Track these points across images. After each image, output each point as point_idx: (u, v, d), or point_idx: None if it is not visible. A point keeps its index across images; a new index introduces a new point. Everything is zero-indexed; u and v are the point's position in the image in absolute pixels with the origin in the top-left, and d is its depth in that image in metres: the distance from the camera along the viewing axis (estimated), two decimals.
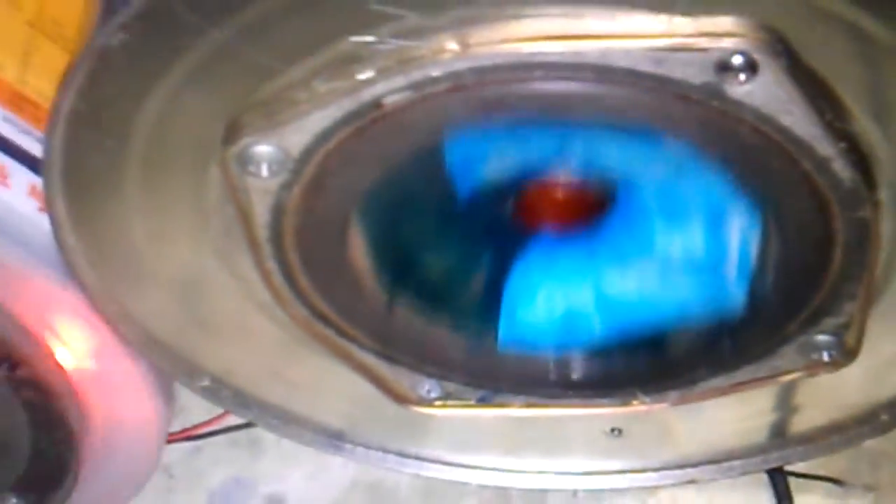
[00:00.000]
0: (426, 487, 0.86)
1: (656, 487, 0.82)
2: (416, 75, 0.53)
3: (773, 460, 0.79)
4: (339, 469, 0.88)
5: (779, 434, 0.78)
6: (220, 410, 0.87)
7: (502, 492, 0.84)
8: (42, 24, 0.69)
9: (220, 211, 0.62)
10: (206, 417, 0.88)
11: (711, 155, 0.59)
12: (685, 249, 0.65)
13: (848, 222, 0.59)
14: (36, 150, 0.67)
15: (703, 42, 0.50)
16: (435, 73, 0.53)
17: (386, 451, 0.81)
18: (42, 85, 0.68)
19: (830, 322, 0.66)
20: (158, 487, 0.88)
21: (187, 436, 0.88)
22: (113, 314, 0.68)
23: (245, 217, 0.60)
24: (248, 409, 0.77)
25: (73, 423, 0.74)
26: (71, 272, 0.66)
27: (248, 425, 0.88)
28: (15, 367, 0.69)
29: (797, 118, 0.53)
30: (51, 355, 0.70)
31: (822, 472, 0.81)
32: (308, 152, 0.57)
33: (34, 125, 0.67)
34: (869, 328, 0.67)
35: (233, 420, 0.88)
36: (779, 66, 0.50)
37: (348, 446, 0.80)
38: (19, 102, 0.67)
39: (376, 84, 0.53)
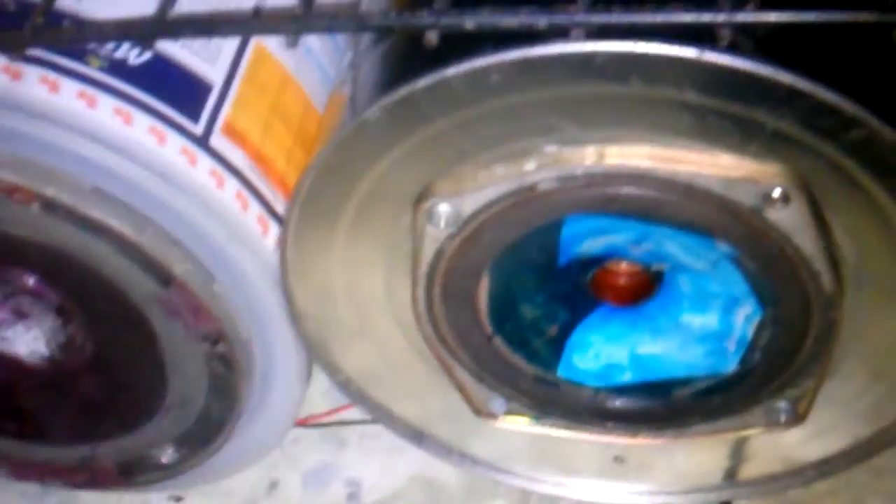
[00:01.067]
0: (469, 485, 0.89)
1: None
2: (563, 172, 0.62)
3: (725, 496, 0.82)
4: (403, 465, 0.91)
5: (730, 477, 0.81)
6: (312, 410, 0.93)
7: (525, 495, 0.87)
8: (277, 109, 0.76)
9: (398, 251, 0.69)
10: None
11: (739, 257, 0.65)
12: (702, 326, 0.71)
13: (822, 320, 0.66)
14: (266, 192, 0.73)
15: (759, 177, 0.59)
16: (577, 172, 0.62)
17: (450, 449, 0.84)
18: (274, 151, 0.75)
19: (791, 393, 0.71)
20: (265, 463, 0.91)
21: (298, 423, 0.90)
22: (295, 313, 0.73)
23: (416, 256, 0.67)
24: (365, 403, 0.81)
25: (240, 393, 0.76)
26: (280, 279, 0.72)
27: (338, 423, 0.94)
28: (216, 343, 0.73)
29: (806, 240, 0.61)
30: (241, 338, 0.74)
31: None
32: (474, 215, 0.64)
33: (266, 176, 0.73)
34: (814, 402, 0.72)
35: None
36: (803, 202, 0.59)
37: (425, 441, 0.83)
38: (259, 158, 0.73)
39: (535, 174, 0.62)
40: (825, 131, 0.56)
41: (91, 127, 0.66)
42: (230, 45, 0.73)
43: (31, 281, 0.75)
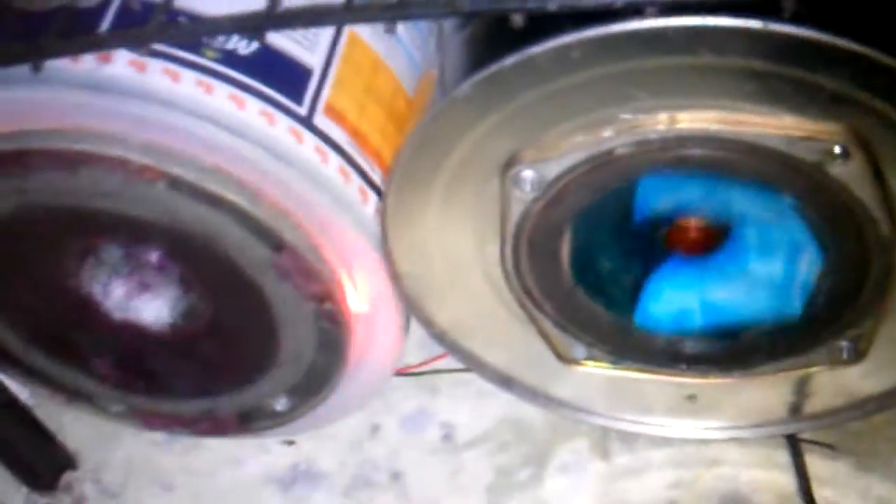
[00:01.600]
0: (554, 424, 0.90)
1: (711, 441, 0.86)
2: (638, 137, 0.63)
3: (790, 430, 0.83)
4: (491, 410, 0.93)
5: (795, 411, 0.82)
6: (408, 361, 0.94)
7: (605, 433, 0.89)
8: (371, 90, 0.78)
9: (487, 214, 0.70)
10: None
11: (802, 208, 0.67)
12: (768, 272, 0.72)
13: (880, 264, 0.67)
14: (364, 164, 0.75)
15: (820, 135, 0.60)
16: (651, 136, 0.63)
17: (536, 392, 0.85)
18: (370, 127, 0.77)
19: (852, 332, 0.72)
20: (367, 409, 0.94)
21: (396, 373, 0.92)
22: (394, 272, 0.75)
23: (504, 217, 0.69)
24: (457, 353, 0.83)
25: (346, 348, 0.79)
26: (380, 242, 0.74)
27: (433, 372, 0.96)
28: (323, 302, 0.75)
29: (865, 191, 0.62)
30: (346, 297, 0.77)
31: (820, 440, 0.85)
32: (557, 179, 0.66)
33: (363, 150, 0.76)
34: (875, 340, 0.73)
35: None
36: (862, 157, 0.60)
37: (513, 386, 0.85)
38: (357, 135, 0.75)
39: (613, 140, 0.63)
40: (881, 90, 0.57)
41: (209, 112, 0.68)
42: (327, 33, 0.75)
43: (154, 256, 0.78)
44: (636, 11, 0.56)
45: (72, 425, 0.99)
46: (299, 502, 0.92)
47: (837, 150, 0.61)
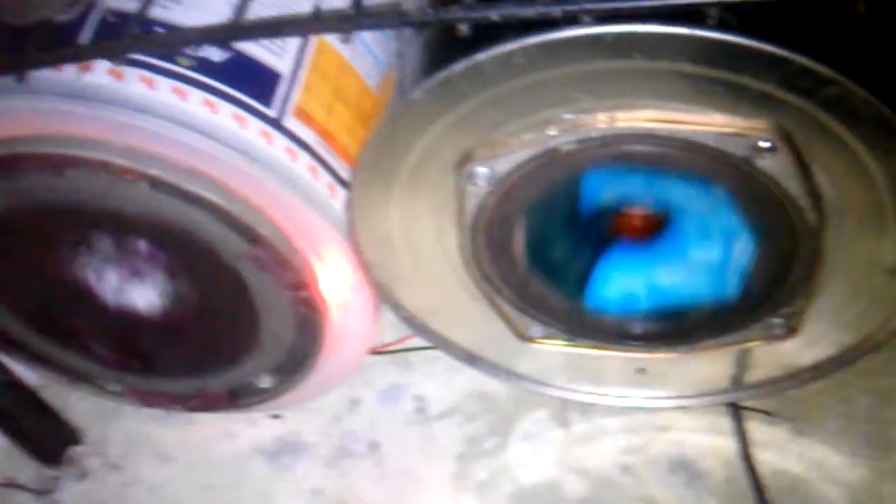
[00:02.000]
0: (516, 397, 0.90)
1: (659, 409, 0.86)
2: (581, 135, 0.62)
3: (732, 399, 0.83)
4: (460, 384, 0.93)
5: (736, 382, 0.81)
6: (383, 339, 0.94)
7: (564, 404, 0.89)
8: (337, 92, 0.76)
9: (445, 208, 0.70)
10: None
11: (734, 198, 0.66)
12: (706, 257, 0.71)
13: (808, 249, 0.66)
14: (332, 162, 0.74)
15: (748, 132, 0.59)
16: (592, 134, 0.62)
17: (498, 368, 0.84)
18: (337, 127, 0.75)
19: (785, 310, 0.72)
20: (346, 385, 0.93)
21: (372, 352, 0.92)
22: (363, 262, 0.75)
23: (461, 211, 0.68)
24: (425, 333, 0.82)
25: (322, 331, 0.78)
26: (348, 234, 0.73)
27: (405, 350, 0.95)
28: (298, 290, 0.75)
29: (791, 183, 0.62)
30: (319, 284, 0.76)
31: (760, 407, 0.85)
32: (508, 175, 0.65)
33: (332, 149, 0.74)
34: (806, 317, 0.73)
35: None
36: (788, 152, 0.60)
37: (477, 363, 0.84)
38: (325, 135, 0.74)
39: (557, 138, 0.63)
40: (804, 90, 0.56)
41: (184, 117, 0.67)
42: (295, 40, 0.74)
43: (142, 247, 0.76)
44: (574, 20, 0.54)
45: (77, 403, 0.98)
46: (285, 471, 0.91)
47: (764, 145, 0.60)
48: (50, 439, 0.95)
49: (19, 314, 0.85)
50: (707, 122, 0.60)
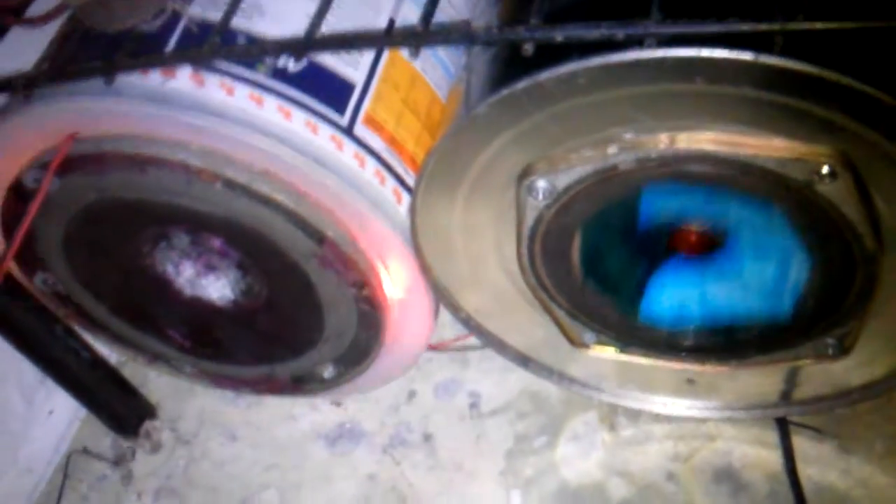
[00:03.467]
0: (567, 399, 0.88)
1: (707, 419, 0.83)
2: (640, 154, 0.59)
3: (780, 413, 0.80)
4: (513, 383, 0.91)
5: (785, 397, 0.79)
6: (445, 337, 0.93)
7: (613, 408, 0.86)
8: (408, 102, 0.75)
9: (504, 218, 0.68)
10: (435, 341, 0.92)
11: (792, 220, 0.63)
12: (761, 277, 0.68)
13: (865, 273, 0.63)
14: (399, 169, 0.73)
15: (809, 157, 0.56)
16: (652, 154, 0.59)
17: (551, 371, 0.83)
18: (405, 136, 0.74)
19: (838, 331, 0.68)
20: (405, 378, 0.92)
21: (430, 348, 0.91)
22: (423, 265, 0.74)
23: (519, 221, 0.66)
24: (482, 335, 0.80)
25: (383, 328, 0.78)
26: (410, 238, 0.72)
27: (464, 349, 0.94)
28: (361, 288, 0.74)
29: (851, 208, 0.58)
30: (381, 284, 0.75)
31: (807, 423, 0.81)
32: (567, 189, 0.63)
33: (399, 157, 0.73)
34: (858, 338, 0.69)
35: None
36: (849, 178, 0.56)
37: (531, 365, 0.82)
38: (393, 143, 0.73)
39: (617, 156, 0.60)
40: (868, 119, 0.53)
41: (259, 122, 0.67)
42: (369, 51, 0.73)
43: (217, 243, 0.76)
44: (637, 42, 0.52)
45: (154, 381, 1.00)
46: (343, 456, 0.90)
47: (826, 170, 0.56)
48: (127, 413, 0.96)
49: (102, 299, 0.85)
50: (768, 146, 0.57)
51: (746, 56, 0.50)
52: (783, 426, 0.81)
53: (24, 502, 0.91)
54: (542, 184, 0.63)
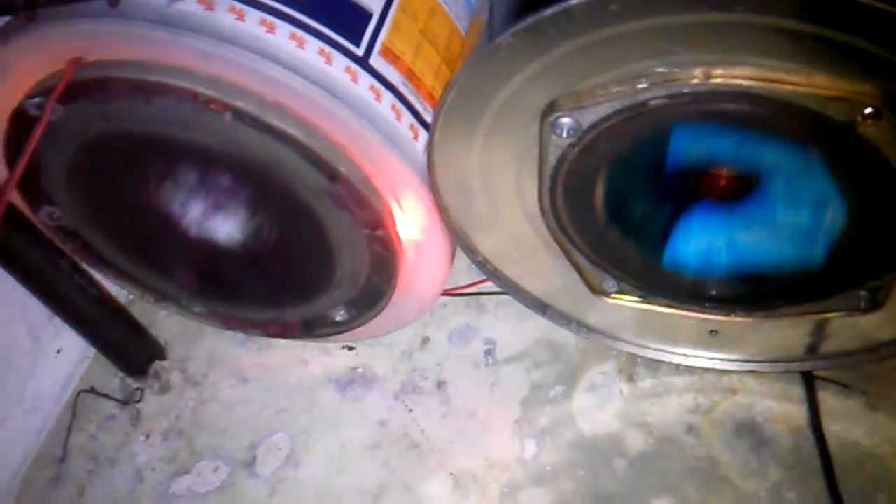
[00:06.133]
0: (585, 348, 0.86)
1: (730, 371, 0.81)
2: (673, 90, 0.56)
3: (806, 367, 0.78)
4: (530, 330, 0.89)
5: (811, 351, 0.77)
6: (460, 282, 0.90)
7: (632, 358, 0.84)
8: (426, 33, 0.72)
9: (526, 157, 0.65)
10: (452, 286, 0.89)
11: (829, 164, 0.60)
12: (792, 223, 0.65)
13: None
14: (416, 104, 0.70)
15: (853, 96, 0.53)
16: (685, 90, 0.56)
17: (570, 319, 0.81)
18: (424, 69, 0.71)
19: (871, 284, 0.67)
20: (419, 323, 0.91)
21: (445, 293, 0.89)
22: (440, 205, 0.71)
23: (542, 161, 0.63)
24: (499, 279, 0.78)
25: (396, 270, 0.76)
26: (427, 177, 0.69)
27: (480, 294, 0.92)
28: (375, 229, 0.71)
29: (894, 151, 0.56)
30: (396, 224, 0.73)
31: (834, 378, 0.79)
32: (593, 126, 0.60)
33: (417, 91, 0.70)
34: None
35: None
36: (893, 119, 0.53)
37: (549, 312, 0.81)
38: (411, 76, 0.70)
39: (647, 92, 0.57)
40: None
41: (270, 49, 0.64)
42: None
43: (225, 180, 0.74)
44: None
45: (164, 321, 0.98)
46: (354, 402, 0.89)
47: (869, 110, 0.53)
48: (136, 353, 0.95)
49: (109, 235, 0.83)
50: (808, 84, 0.54)
51: None
52: (809, 380, 0.79)
53: (32, 441, 0.90)
54: (566, 120, 0.60)
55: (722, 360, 0.81)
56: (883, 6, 0.47)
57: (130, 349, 0.94)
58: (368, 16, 0.68)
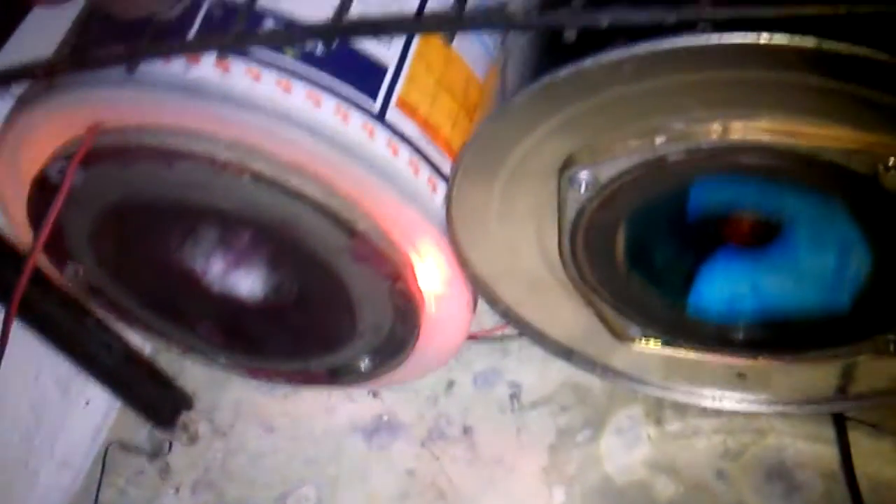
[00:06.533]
0: (610, 391, 0.85)
1: (759, 414, 0.80)
2: (691, 145, 0.56)
3: (836, 409, 0.77)
4: (555, 373, 0.88)
5: (841, 391, 0.75)
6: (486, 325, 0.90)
7: (659, 401, 0.83)
8: (442, 83, 0.71)
9: (544, 209, 0.64)
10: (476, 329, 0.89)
11: (855, 214, 0.59)
12: (818, 268, 0.65)
13: None
14: (434, 156, 0.69)
15: (877, 148, 0.52)
16: (703, 145, 0.56)
17: (594, 364, 0.80)
18: (441, 119, 0.70)
19: None
20: (444, 367, 0.89)
21: (469, 338, 0.88)
22: (460, 258, 0.71)
23: (561, 214, 0.63)
24: (522, 327, 0.77)
25: (419, 321, 0.75)
26: (446, 230, 0.69)
27: (504, 338, 0.91)
28: (395, 281, 0.71)
29: None
30: (416, 277, 0.72)
31: (865, 418, 0.78)
32: (610, 181, 0.59)
33: (434, 142, 0.70)
34: None
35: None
36: None
37: (574, 358, 0.79)
38: (427, 127, 0.70)
39: (665, 147, 0.56)
40: None
41: (287, 110, 0.64)
42: None
43: (245, 239, 0.74)
44: (688, 26, 0.48)
45: (190, 370, 0.98)
46: (381, 450, 0.88)
47: (893, 161, 0.52)
48: (163, 404, 0.94)
49: (133, 291, 0.83)
50: (829, 137, 0.53)
51: (809, 42, 0.46)
52: (840, 422, 0.78)
53: (63, 497, 0.90)
54: (584, 175, 0.60)
55: (750, 401, 0.79)
56: None
57: (157, 401, 0.94)
58: (384, 70, 0.68)
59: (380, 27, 0.54)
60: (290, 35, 0.58)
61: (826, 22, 0.46)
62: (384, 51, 0.69)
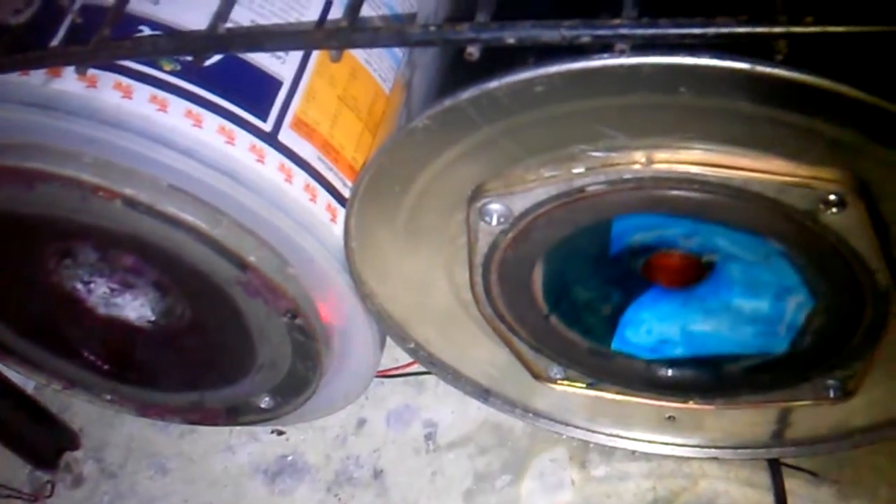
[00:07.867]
0: (532, 432, 0.79)
1: (690, 458, 0.75)
2: (612, 175, 0.50)
3: (772, 454, 0.73)
4: (474, 411, 0.82)
5: (777, 437, 0.71)
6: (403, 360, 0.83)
7: (584, 444, 0.78)
8: (346, 99, 0.65)
9: (454, 242, 0.59)
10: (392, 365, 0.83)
11: (792, 254, 0.54)
12: (753, 310, 0.60)
13: (874, 312, 0.54)
14: (335, 180, 0.63)
15: (816, 183, 0.47)
16: (625, 176, 0.50)
17: (514, 405, 0.75)
18: (343, 140, 0.64)
19: (840, 373, 0.60)
20: (354, 404, 0.82)
21: (381, 374, 0.83)
22: (363, 293, 0.65)
23: (471, 248, 0.57)
24: (434, 366, 0.72)
25: (321, 357, 0.69)
26: (345, 262, 0.62)
27: (419, 374, 0.85)
28: (294, 317, 0.65)
29: (862, 241, 0.49)
30: (317, 312, 0.66)
31: (803, 466, 0.73)
32: (525, 213, 0.54)
33: (335, 165, 0.63)
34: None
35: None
36: (861, 207, 0.47)
37: (491, 398, 0.74)
38: (327, 149, 0.63)
39: (584, 178, 0.51)
40: (887, 139, 0.44)
41: (162, 131, 0.57)
42: None
43: (129, 260, 0.66)
44: (607, 46, 0.42)
45: (79, 404, 0.90)
46: (284, 495, 0.81)
47: (833, 198, 0.47)
48: (45, 443, 0.87)
49: (8, 320, 0.76)
50: (764, 169, 0.47)
51: (741, 65, 0.41)
52: (775, 468, 0.73)
53: None
54: (495, 207, 0.54)
55: (681, 445, 0.74)
56: (846, 90, 0.40)
57: (38, 439, 0.86)
58: (278, 84, 0.61)
59: (258, 40, 0.47)
60: (156, 47, 0.50)
61: (761, 43, 0.40)
62: (279, 64, 0.62)
